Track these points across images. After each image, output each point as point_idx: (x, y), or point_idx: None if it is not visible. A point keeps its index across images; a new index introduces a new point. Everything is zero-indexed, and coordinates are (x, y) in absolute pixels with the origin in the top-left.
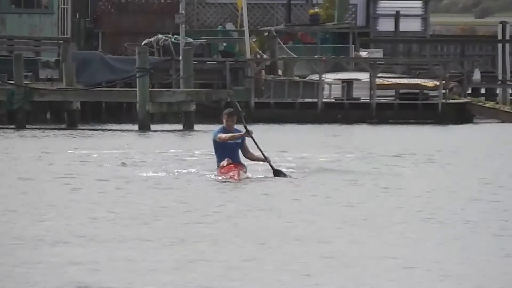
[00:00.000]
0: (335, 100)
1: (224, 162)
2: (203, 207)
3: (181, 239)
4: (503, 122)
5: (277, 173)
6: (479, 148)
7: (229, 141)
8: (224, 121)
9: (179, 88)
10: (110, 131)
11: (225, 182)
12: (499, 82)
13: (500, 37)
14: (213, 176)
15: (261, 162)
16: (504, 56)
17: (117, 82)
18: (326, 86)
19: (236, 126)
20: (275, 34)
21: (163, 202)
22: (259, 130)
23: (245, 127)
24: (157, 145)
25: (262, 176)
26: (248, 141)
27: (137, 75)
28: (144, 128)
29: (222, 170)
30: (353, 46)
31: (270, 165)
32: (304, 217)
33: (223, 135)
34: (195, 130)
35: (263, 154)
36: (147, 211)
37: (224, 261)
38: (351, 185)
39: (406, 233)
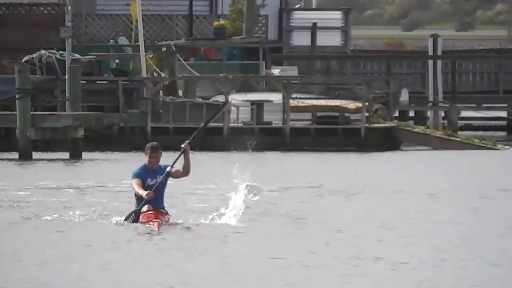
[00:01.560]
0: (244, 124)
1: (144, 208)
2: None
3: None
4: (434, 149)
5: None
6: (403, 179)
7: (148, 183)
8: (147, 157)
9: (65, 111)
10: None
11: (144, 230)
12: (430, 104)
13: (430, 53)
14: (128, 221)
15: (189, 151)
16: (436, 75)
17: None
18: (233, 108)
19: (162, 163)
20: (174, 49)
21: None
22: None
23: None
24: (40, 176)
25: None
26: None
27: (16, 96)
28: (25, 156)
29: (140, 218)
30: (264, 63)
31: (192, 138)
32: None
33: (135, 185)
34: (84, 159)
35: (178, 157)
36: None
37: None
38: (267, 227)
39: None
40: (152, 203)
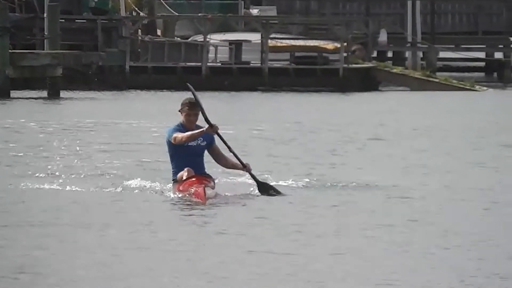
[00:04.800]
0: (222, 64)
1: (184, 173)
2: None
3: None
4: (412, 90)
5: (263, 188)
6: (377, 119)
7: (189, 143)
8: (183, 114)
9: (43, 49)
10: None
11: (187, 203)
12: (409, 45)
13: None
14: (168, 193)
15: (240, 171)
16: (414, 15)
17: None
18: (211, 48)
19: (199, 123)
20: None
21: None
22: (135, 99)
23: (207, 121)
24: (19, 114)
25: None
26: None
27: None
28: (3, 95)
29: (181, 187)
30: (243, 2)
31: (251, 174)
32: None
33: (180, 135)
34: (62, 98)
35: (237, 157)
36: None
37: None
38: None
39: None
40: (192, 168)
